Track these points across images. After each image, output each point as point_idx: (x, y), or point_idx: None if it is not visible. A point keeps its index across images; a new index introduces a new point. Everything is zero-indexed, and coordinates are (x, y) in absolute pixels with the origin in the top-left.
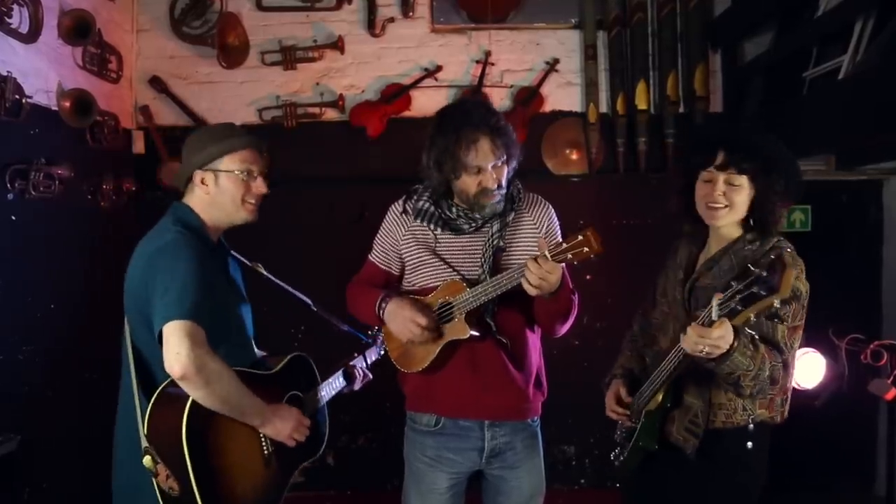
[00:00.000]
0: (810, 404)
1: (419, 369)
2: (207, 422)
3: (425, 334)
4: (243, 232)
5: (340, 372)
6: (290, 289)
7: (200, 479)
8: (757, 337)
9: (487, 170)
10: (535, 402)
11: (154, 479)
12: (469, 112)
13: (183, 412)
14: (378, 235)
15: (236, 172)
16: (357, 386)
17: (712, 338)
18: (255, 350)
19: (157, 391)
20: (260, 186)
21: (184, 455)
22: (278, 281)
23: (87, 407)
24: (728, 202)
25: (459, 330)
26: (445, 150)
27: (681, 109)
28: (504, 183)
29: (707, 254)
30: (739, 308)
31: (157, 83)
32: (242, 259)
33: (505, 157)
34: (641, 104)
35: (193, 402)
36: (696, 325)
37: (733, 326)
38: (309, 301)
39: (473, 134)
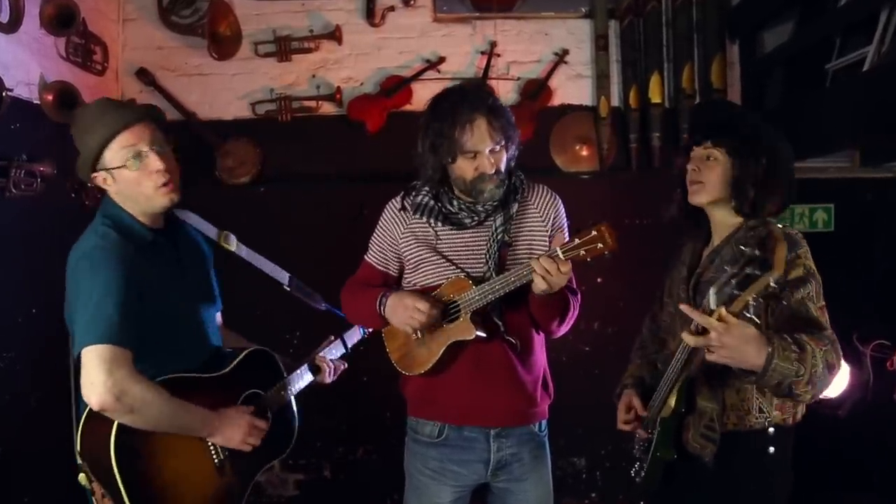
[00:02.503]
0: (833, 414)
1: (422, 371)
2: (140, 437)
3: (429, 321)
4: (234, 230)
5: (305, 365)
6: (263, 264)
7: (134, 497)
8: (802, 338)
9: (484, 153)
10: (543, 405)
11: (92, 498)
12: (465, 93)
13: (111, 428)
14: (374, 234)
15: (126, 164)
16: (328, 379)
17: (713, 329)
18: (215, 340)
19: (88, 406)
20: (153, 164)
21: (114, 473)
22: (249, 255)
23: (71, 417)
24: (701, 178)
25: (464, 330)
26: (440, 133)
27: (697, 103)
28: (503, 168)
29: (711, 247)
30: (736, 293)
31: (144, 75)
32: (207, 230)
33: (503, 142)
34: (655, 97)
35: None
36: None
37: (764, 332)
38: (285, 279)
39: (469, 115)
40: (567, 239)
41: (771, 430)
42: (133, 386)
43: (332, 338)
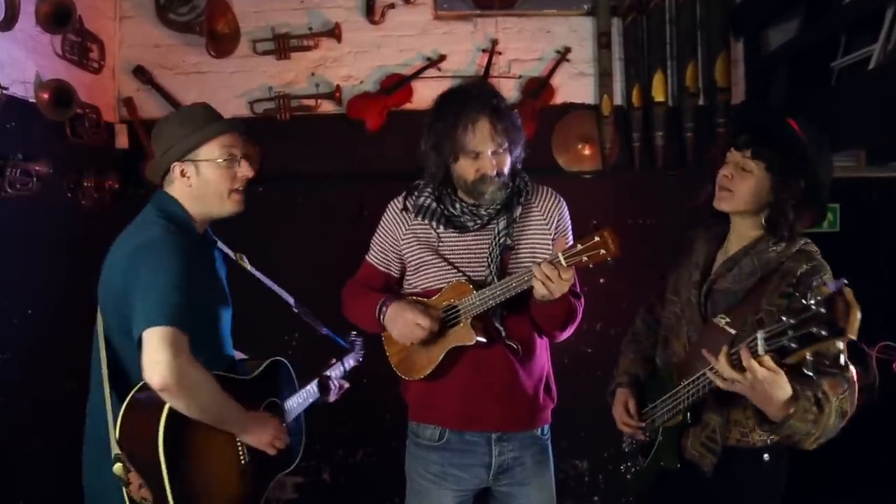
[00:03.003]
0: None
1: (422, 376)
2: (185, 429)
3: (430, 335)
4: (233, 231)
5: (315, 382)
6: (272, 285)
7: (176, 490)
8: (823, 390)
9: (486, 155)
10: (545, 410)
11: (125, 489)
12: (469, 93)
13: (160, 418)
14: (376, 235)
15: (218, 161)
16: (332, 398)
17: (755, 374)
18: (232, 350)
19: (130, 395)
20: (245, 171)
21: (160, 464)
22: (260, 275)
23: (68, 419)
24: (732, 187)
25: (464, 335)
26: (443, 133)
27: (701, 101)
28: (506, 171)
29: (726, 253)
30: (794, 347)
31: (141, 73)
32: (227, 250)
33: (507, 145)
34: (659, 96)
35: (171, 407)
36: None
37: (793, 388)
38: (291, 300)
39: (473, 114)
40: (570, 243)
41: (769, 442)
42: (192, 370)
43: (334, 360)
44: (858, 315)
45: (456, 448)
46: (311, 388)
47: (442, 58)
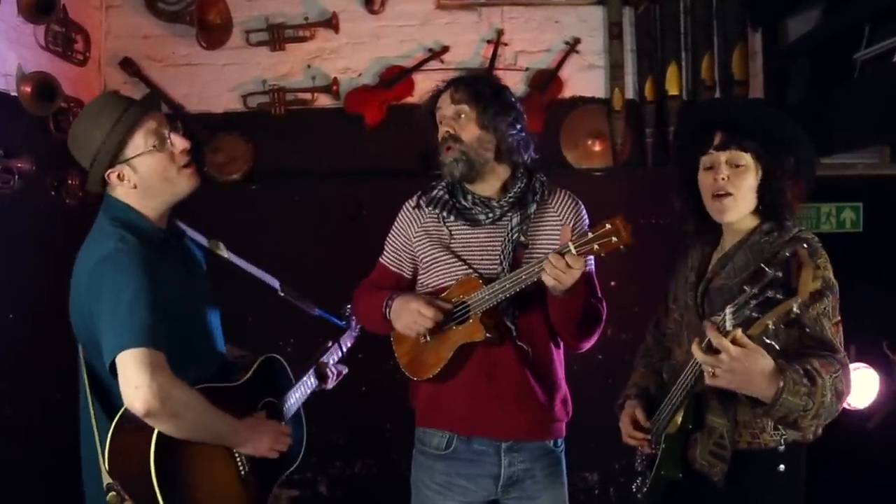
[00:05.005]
0: (862, 426)
1: (430, 375)
2: (177, 449)
3: (435, 325)
4: (227, 231)
5: (312, 371)
6: (254, 270)
7: None
8: (813, 366)
9: (447, 116)
10: (559, 422)
11: None
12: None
13: (150, 442)
14: (389, 235)
15: (151, 149)
16: (331, 385)
17: (727, 351)
18: (222, 348)
19: (115, 420)
20: (179, 143)
21: (153, 489)
22: (240, 261)
23: (52, 430)
24: (733, 188)
25: (474, 331)
26: (425, 115)
27: (717, 95)
28: (468, 140)
29: (721, 251)
30: (755, 315)
31: (128, 66)
32: (199, 238)
33: (466, 106)
34: (673, 89)
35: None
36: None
37: (777, 362)
38: (276, 284)
39: (444, 88)
40: (580, 232)
41: (782, 447)
42: (175, 390)
43: (330, 343)
44: (811, 272)
45: (463, 457)
46: (309, 379)
47: (445, 49)
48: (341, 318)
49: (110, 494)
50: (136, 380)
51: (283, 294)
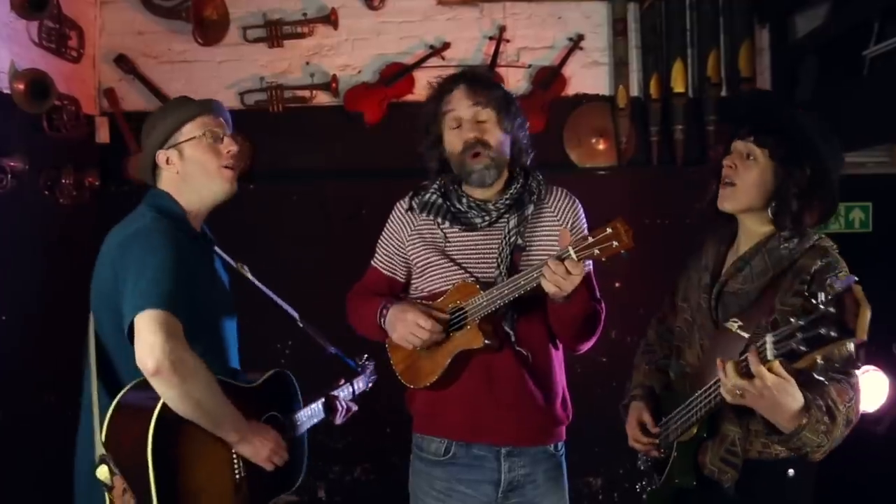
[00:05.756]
0: (871, 430)
1: (427, 384)
2: (177, 433)
3: (432, 338)
4: (223, 231)
5: (321, 401)
6: (276, 298)
7: (163, 499)
8: (832, 398)
9: (466, 119)
10: (559, 426)
11: (107, 494)
12: (450, 74)
13: (150, 418)
14: (381, 238)
15: (199, 136)
16: (339, 420)
17: (763, 380)
18: (237, 361)
19: (121, 393)
20: (229, 145)
21: (147, 468)
22: (263, 287)
23: (46, 435)
24: (738, 178)
25: (472, 338)
26: (427, 114)
27: (723, 92)
28: (495, 144)
29: (736, 252)
30: (803, 349)
31: (123, 63)
32: (226, 257)
33: (487, 108)
34: (678, 87)
35: (163, 408)
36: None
37: (805, 396)
38: (296, 315)
39: (450, 85)
40: (580, 237)
41: (792, 453)
42: (188, 357)
43: (343, 381)
44: (868, 314)
45: (463, 463)
46: (317, 407)
47: (446, 46)
48: (356, 363)
49: (101, 468)
50: (151, 338)
51: (301, 325)
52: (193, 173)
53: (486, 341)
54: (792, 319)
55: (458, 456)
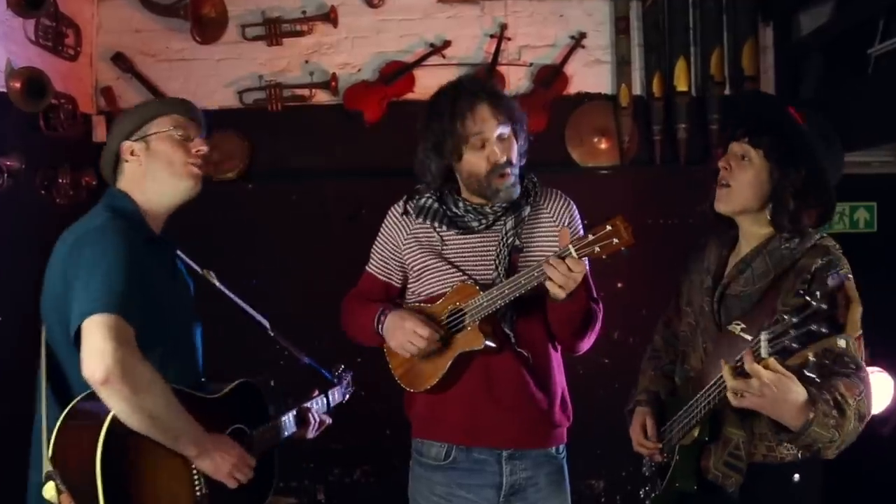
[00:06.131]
0: (877, 432)
1: (428, 387)
2: (129, 448)
3: (430, 347)
4: (221, 232)
5: (293, 413)
6: (245, 306)
7: None
8: (840, 393)
9: (492, 139)
10: (561, 428)
11: None
12: (461, 83)
13: (99, 432)
14: (376, 243)
15: (169, 130)
16: (311, 434)
17: (760, 379)
18: (201, 370)
19: (71, 404)
20: (199, 145)
21: (96, 485)
22: (231, 294)
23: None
24: (733, 179)
25: (472, 339)
26: (442, 131)
27: (727, 91)
28: (515, 160)
29: (738, 255)
30: (795, 346)
31: (121, 61)
32: (191, 263)
33: (510, 126)
34: (681, 85)
35: (113, 420)
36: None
37: (808, 391)
38: (266, 324)
39: (470, 101)
40: (579, 234)
41: (799, 458)
42: (140, 365)
43: (317, 392)
44: (859, 310)
45: (463, 467)
46: (288, 420)
47: (446, 44)
48: (333, 375)
49: (48, 485)
50: (100, 345)
51: (272, 335)
52: (158, 168)
53: (488, 342)
54: (785, 317)
55: (459, 460)
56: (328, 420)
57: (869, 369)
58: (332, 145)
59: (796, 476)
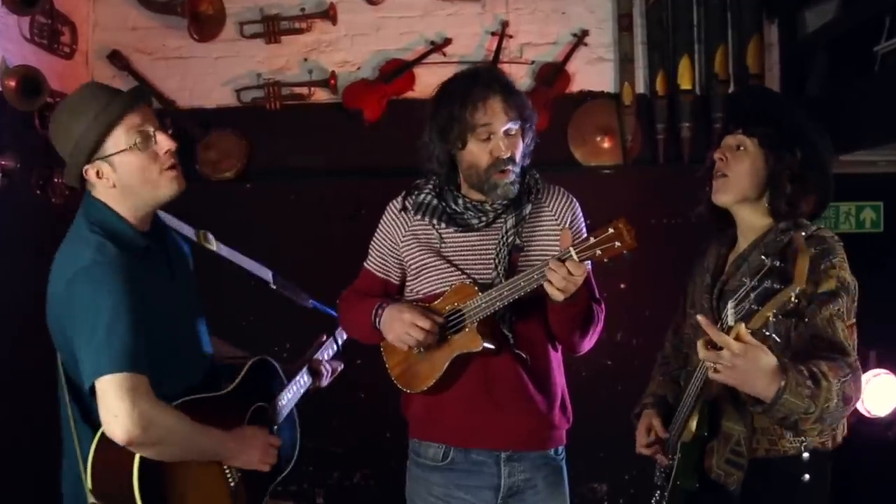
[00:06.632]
0: (883, 435)
1: (424, 388)
2: (163, 465)
3: (428, 339)
4: (219, 231)
5: (305, 369)
6: (245, 261)
7: None
8: (819, 369)
9: (499, 133)
10: (560, 430)
11: None
12: (476, 73)
13: (133, 458)
14: (374, 239)
15: (132, 146)
16: (325, 382)
17: (728, 347)
18: (209, 349)
19: (97, 437)
20: (165, 143)
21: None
22: (229, 252)
23: (41, 441)
24: (729, 170)
25: (471, 341)
26: (451, 116)
27: (731, 89)
28: (518, 159)
29: (737, 252)
30: (755, 308)
31: (117, 59)
32: (187, 232)
33: (519, 123)
34: (685, 83)
35: None
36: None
37: (780, 360)
38: (269, 277)
39: (483, 92)
40: (582, 237)
41: (806, 455)
42: (158, 415)
43: (325, 337)
44: (806, 260)
45: (461, 468)
46: (302, 378)
47: (447, 41)
48: (337, 310)
49: None
50: (115, 408)
51: (275, 287)
52: (133, 184)
53: (486, 344)
54: (746, 281)
55: (457, 461)
56: (340, 366)
57: (873, 372)
58: (332, 144)
59: (806, 476)
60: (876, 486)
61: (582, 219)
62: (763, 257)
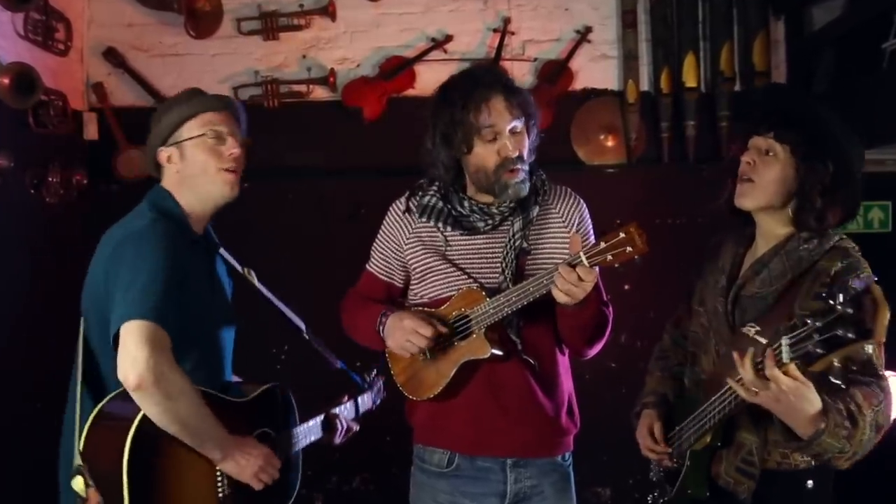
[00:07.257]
0: (890, 439)
1: (431, 395)
2: (156, 447)
3: (431, 344)
4: (218, 232)
5: (320, 418)
6: (281, 306)
7: None
8: (856, 402)
9: (504, 133)
10: (567, 436)
11: None
12: (475, 74)
13: (128, 431)
14: (377, 241)
15: (200, 135)
16: (337, 440)
17: (779, 384)
18: (230, 373)
19: (103, 402)
20: (231, 147)
21: (121, 482)
22: (270, 295)
23: (33, 440)
24: (756, 175)
25: (478, 348)
26: (453, 120)
27: (737, 87)
28: (526, 156)
29: (754, 254)
30: (819, 352)
31: (112, 56)
32: (233, 262)
33: (523, 120)
34: (690, 81)
35: (143, 419)
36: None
37: (823, 400)
38: (302, 326)
39: (485, 93)
40: (591, 241)
41: (812, 463)
42: (172, 373)
43: (346, 398)
44: (887, 314)
45: (467, 475)
46: (315, 424)
47: (448, 38)
48: (364, 380)
49: (76, 478)
50: (135, 351)
51: (307, 338)
52: (193, 175)
53: (494, 350)
54: (808, 321)
55: (463, 468)
56: (356, 427)
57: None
58: (331, 143)
59: (809, 483)
60: (882, 487)
61: (589, 220)
62: (833, 302)
